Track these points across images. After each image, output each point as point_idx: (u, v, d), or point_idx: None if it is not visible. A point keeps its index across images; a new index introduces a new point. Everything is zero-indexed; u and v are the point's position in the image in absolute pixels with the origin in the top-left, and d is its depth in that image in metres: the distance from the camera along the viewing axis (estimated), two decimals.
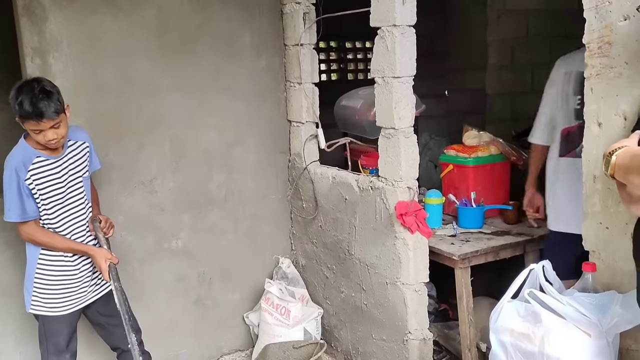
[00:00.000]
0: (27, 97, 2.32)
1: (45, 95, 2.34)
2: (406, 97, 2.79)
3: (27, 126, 2.38)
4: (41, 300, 2.57)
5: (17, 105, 2.33)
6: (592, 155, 2.00)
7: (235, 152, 3.50)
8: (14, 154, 2.46)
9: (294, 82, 3.52)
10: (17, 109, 2.34)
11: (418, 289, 2.90)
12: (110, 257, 2.55)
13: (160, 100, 3.22)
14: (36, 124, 2.35)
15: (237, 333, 3.62)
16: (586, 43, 1.99)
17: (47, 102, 2.34)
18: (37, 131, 2.38)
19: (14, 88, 2.38)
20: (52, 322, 2.59)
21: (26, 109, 2.31)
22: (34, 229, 2.49)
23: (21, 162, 2.43)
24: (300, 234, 3.68)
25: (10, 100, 2.36)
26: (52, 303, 2.57)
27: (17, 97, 2.33)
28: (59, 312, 2.57)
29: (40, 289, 2.56)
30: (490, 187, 3.35)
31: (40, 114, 2.32)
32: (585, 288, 1.95)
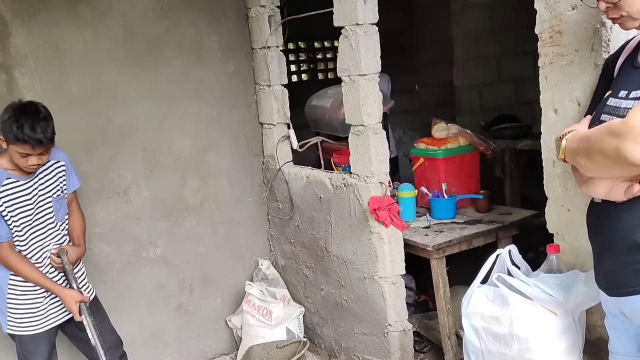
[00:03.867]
0: (28, 122, 2.29)
1: (45, 123, 2.34)
2: (373, 94, 2.84)
3: (15, 148, 2.33)
4: (15, 320, 2.53)
5: (16, 127, 2.28)
6: (550, 140, 2.07)
7: (208, 157, 3.51)
8: None
9: (263, 85, 3.55)
10: (13, 130, 2.28)
11: (395, 282, 2.96)
12: (79, 298, 2.50)
13: (130, 109, 3.22)
14: (30, 149, 2.32)
15: (221, 337, 3.64)
16: (538, 33, 2.06)
17: (46, 130, 2.33)
18: (24, 154, 2.35)
19: (10, 108, 2.35)
20: (29, 342, 2.55)
21: (26, 134, 2.28)
22: (8, 252, 2.44)
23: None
24: (278, 235, 3.72)
25: (6, 120, 2.30)
26: (27, 322, 2.53)
27: (18, 119, 2.29)
28: (35, 331, 2.54)
29: (14, 309, 2.52)
30: (461, 178, 3.42)
31: (39, 141, 2.31)
32: (551, 269, 2.02)
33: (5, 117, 2.32)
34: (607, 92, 1.69)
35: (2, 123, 2.33)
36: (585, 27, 1.91)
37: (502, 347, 1.92)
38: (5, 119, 2.32)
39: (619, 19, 1.61)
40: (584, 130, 1.63)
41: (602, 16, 1.82)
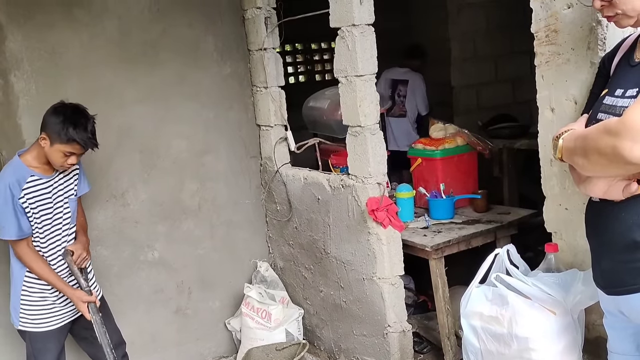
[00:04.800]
0: (81, 124, 2.41)
1: (93, 125, 2.48)
2: (370, 95, 2.83)
3: (62, 147, 2.41)
4: (27, 316, 2.56)
5: (72, 128, 2.37)
6: (547, 139, 2.07)
7: (206, 160, 3.51)
8: (7, 173, 2.46)
9: (260, 87, 3.55)
10: (68, 131, 2.37)
11: (394, 283, 2.95)
12: (87, 298, 2.54)
13: (126, 112, 3.22)
14: (79, 149, 2.43)
15: (220, 340, 3.63)
16: (534, 32, 2.06)
17: (95, 132, 2.47)
18: (68, 154, 2.43)
19: (61, 110, 2.43)
20: (39, 340, 2.57)
21: (80, 135, 2.39)
22: (26, 248, 2.49)
23: (15, 181, 2.43)
24: (276, 237, 3.71)
25: (58, 122, 2.38)
26: (39, 319, 2.56)
27: (72, 121, 2.39)
28: (46, 328, 2.56)
29: (27, 306, 2.55)
30: (459, 178, 3.42)
31: (92, 142, 2.44)
32: (549, 268, 2.01)
33: (59, 119, 2.40)
34: (603, 91, 1.69)
35: (52, 124, 2.41)
36: (581, 25, 1.91)
37: (502, 346, 1.92)
38: (58, 121, 2.40)
39: (614, 16, 1.61)
40: (581, 129, 1.63)
41: (597, 14, 1.82)
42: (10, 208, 2.41)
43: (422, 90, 5.03)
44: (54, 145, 2.41)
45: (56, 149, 2.42)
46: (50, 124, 2.42)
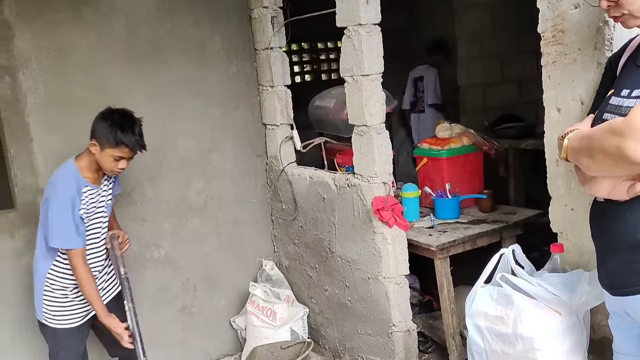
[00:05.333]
0: (131, 128, 2.48)
1: (141, 129, 2.54)
2: (376, 95, 2.83)
3: (112, 152, 2.47)
4: (51, 312, 2.60)
5: (121, 132, 2.44)
6: (553, 139, 2.06)
7: (212, 158, 3.52)
8: (69, 183, 2.49)
9: (266, 86, 3.56)
10: (117, 135, 2.43)
11: (399, 282, 2.96)
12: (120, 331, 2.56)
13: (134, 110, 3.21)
14: (129, 152, 2.50)
15: (225, 338, 3.64)
16: (541, 32, 2.06)
17: (143, 135, 2.54)
18: (118, 158, 2.49)
19: (109, 115, 2.49)
20: (62, 337, 2.61)
21: (130, 138, 2.46)
22: (83, 261, 2.53)
23: (76, 192, 2.48)
24: (281, 236, 3.72)
25: (107, 126, 2.45)
26: (62, 315, 2.60)
27: (121, 125, 2.45)
28: (69, 325, 2.60)
29: (50, 302, 2.59)
30: (465, 178, 3.42)
31: (141, 145, 2.51)
32: (555, 268, 2.01)
33: (107, 124, 2.46)
34: (609, 91, 1.69)
35: (100, 129, 2.47)
36: (588, 25, 1.91)
37: (507, 346, 1.92)
38: (107, 125, 2.46)
39: (620, 17, 1.61)
40: (586, 129, 1.63)
41: (604, 15, 1.81)
42: (71, 219, 2.46)
43: (432, 81, 5.23)
44: (104, 150, 2.47)
45: (106, 153, 2.48)
46: (99, 129, 2.49)
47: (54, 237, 2.48)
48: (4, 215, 2.96)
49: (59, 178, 2.53)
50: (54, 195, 2.47)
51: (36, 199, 2.99)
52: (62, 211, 2.45)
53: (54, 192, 2.48)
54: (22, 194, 2.97)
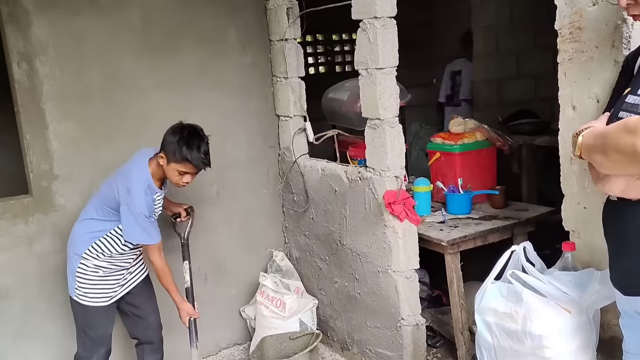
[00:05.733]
0: (196, 145, 2.55)
1: (207, 147, 2.62)
2: (390, 88, 2.83)
3: (177, 167, 2.56)
4: (82, 290, 2.67)
5: (186, 148, 2.52)
6: (567, 137, 2.05)
7: (225, 149, 3.53)
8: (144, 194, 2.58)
9: (280, 77, 3.56)
10: (182, 151, 2.51)
11: (409, 276, 2.96)
12: (193, 312, 2.85)
13: (148, 100, 3.25)
14: (193, 168, 2.58)
15: (234, 327, 3.67)
16: (558, 29, 2.04)
17: (208, 153, 2.62)
18: (183, 173, 2.59)
19: (178, 130, 2.57)
20: (91, 314, 2.69)
21: (195, 156, 2.54)
22: (160, 253, 2.69)
23: (152, 200, 2.62)
24: (292, 227, 3.73)
25: (175, 142, 2.52)
26: (92, 294, 2.68)
27: (188, 141, 2.53)
28: (98, 303, 2.68)
29: (81, 284, 2.67)
30: (477, 173, 3.40)
31: (205, 163, 2.59)
32: (566, 267, 2.00)
33: (174, 139, 2.55)
34: (626, 90, 1.67)
35: (169, 144, 2.56)
36: (605, 23, 1.89)
37: (515, 343, 1.92)
38: (174, 140, 2.55)
39: (639, 15, 1.59)
40: (601, 127, 1.62)
41: (623, 12, 1.79)
42: (148, 218, 2.59)
43: (467, 75, 5.27)
44: (170, 164, 2.57)
45: (172, 167, 2.57)
46: (167, 143, 2.57)
47: (134, 236, 2.59)
48: (19, 201, 3.00)
49: (136, 183, 2.58)
50: (132, 200, 2.55)
51: (51, 186, 3.03)
52: (144, 215, 2.57)
53: (132, 198, 2.55)
54: (36, 180, 3.00)
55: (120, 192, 2.58)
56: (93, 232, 2.67)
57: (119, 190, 2.59)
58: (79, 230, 2.72)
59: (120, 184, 2.60)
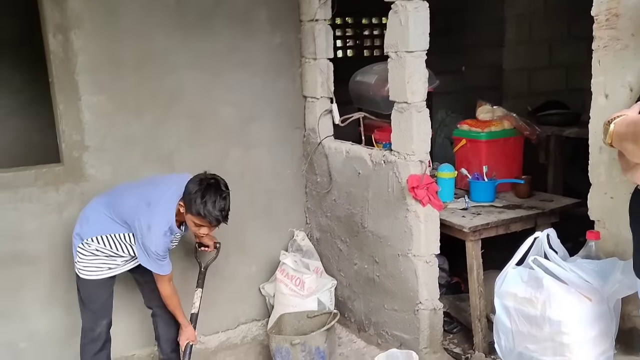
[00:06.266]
0: (211, 199, 2.51)
1: (224, 202, 2.57)
2: (419, 72, 2.82)
3: (195, 219, 2.56)
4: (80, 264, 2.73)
5: (200, 202, 2.50)
6: (598, 126, 2.03)
7: (251, 128, 3.56)
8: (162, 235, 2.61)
9: (309, 58, 3.56)
10: (197, 204, 2.50)
11: (429, 261, 2.97)
12: (192, 338, 2.90)
13: (177, 76, 3.29)
14: (208, 223, 2.57)
15: (254, 303, 3.73)
16: (594, 15, 2.01)
17: (224, 209, 2.57)
18: (198, 225, 2.60)
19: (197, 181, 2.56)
20: (87, 287, 2.75)
21: (208, 210, 2.51)
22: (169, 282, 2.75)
23: (171, 235, 2.66)
24: (314, 208, 3.76)
25: (193, 193, 2.52)
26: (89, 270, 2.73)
27: (203, 195, 2.51)
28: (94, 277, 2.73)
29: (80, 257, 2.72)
30: (503, 162, 3.37)
31: (217, 220, 2.56)
32: (589, 255, 2.00)
33: (192, 190, 2.54)
34: None
35: (187, 194, 2.57)
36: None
37: (534, 328, 1.92)
38: (192, 191, 2.54)
39: None
40: (634, 115, 1.60)
41: None
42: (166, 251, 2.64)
43: None
44: (187, 214, 2.58)
45: (189, 218, 2.59)
46: (186, 193, 2.58)
47: (145, 264, 2.63)
48: (51, 169, 3.08)
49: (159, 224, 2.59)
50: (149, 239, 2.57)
51: (82, 156, 3.10)
52: (163, 247, 2.61)
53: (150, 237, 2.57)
54: (68, 149, 3.08)
55: (141, 223, 2.58)
56: (104, 226, 2.68)
57: (140, 221, 2.59)
58: (90, 216, 2.74)
59: (143, 215, 2.59)
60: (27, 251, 3.05)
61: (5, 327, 3.04)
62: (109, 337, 2.84)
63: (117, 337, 3.13)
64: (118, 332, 3.17)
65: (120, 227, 2.68)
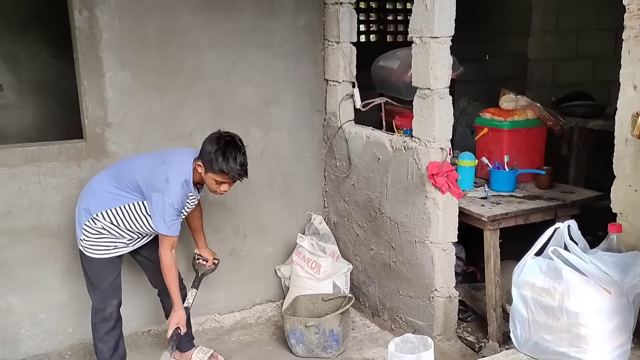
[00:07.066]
0: (232, 156, 2.55)
1: (244, 158, 2.61)
2: (443, 58, 2.79)
3: (213, 176, 2.58)
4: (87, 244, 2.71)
5: (222, 159, 2.53)
6: (625, 117, 1.99)
7: (271, 110, 3.57)
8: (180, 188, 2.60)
9: (332, 41, 3.54)
10: (218, 162, 2.53)
11: (446, 248, 2.96)
12: (182, 323, 2.80)
13: (200, 55, 3.30)
14: (229, 179, 2.59)
15: (269, 284, 3.76)
16: (626, 4, 1.96)
17: (244, 164, 2.61)
18: (220, 182, 2.61)
19: (216, 140, 2.57)
20: (95, 266, 2.74)
21: (230, 166, 2.54)
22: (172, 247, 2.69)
23: (185, 195, 2.64)
24: (333, 192, 3.76)
25: (212, 152, 2.54)
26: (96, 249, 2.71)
27: (224, 152, 2.54)
28: (102, 256, 2.72)
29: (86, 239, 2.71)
30: (525, 152, 3.34)
31: (240, 175, 2.60)
32: (610, 248, 1.97)
33: (212, 149, 2.56)
34: None
35: (206, 153, 2.58)
36: None
37: (551, 319, 1.91)
38: (211, 151, 2.56)
39: None
40: None
41: None
42: (178, 213, 2.62)
43: None
44: (207, 173, 2.60)
45: (209, 176, 2.60)
46: (204, 152, 2.60)
47: (158, 224, 2.61)
48: (74, 145, 3.12)
49: (176, 177, 2.59)
50: (168, 190, 2.57)
51: (104, 133, 3.14)
52: (174, 209, 2.59)
53: (169, 189, 2.57)
54: (91, 126, 3.11)
55: (159, 178, 2.58)
56: (111, 199, 2.66)
57: (158, 176, 2.59)
58: (95, 189, 2.72)
59: (159, 171, 2.60)
60: (50, 224, 3.11)
61: (26, 297, 3.10)
62: (120, 316, 2.84)
63: (133, 312, 3.20)
64: (135, 308, 3.24)
65: (129, 196, 2.64)
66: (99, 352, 2.81)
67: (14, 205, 3.02)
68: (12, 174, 2.99)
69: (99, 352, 2.81)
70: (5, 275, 3.04)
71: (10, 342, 3.10)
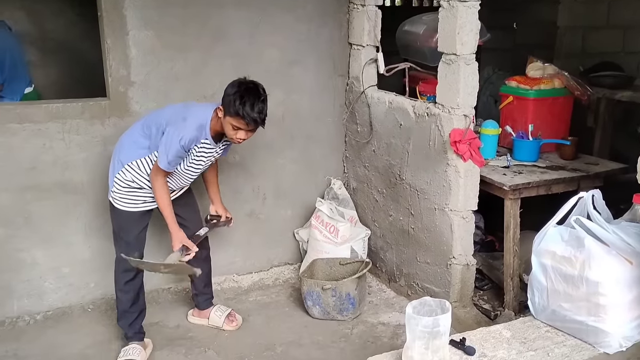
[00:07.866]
0: (250, 101, 2.53)
1: (263, 105, 2.59)
2: (470, 23, 2.73)
3: (231, 120, 2.57)
4: (118, 196, 2.76)
5: (239, 103, 2.51)
6: None
7: (294, 72, 3.54)
8: (195, 129, 2.60)
9: (357, 4, 3.49)
10: (235, 105, 2.52)
11: (465, 216, 2.96)
12: (187, 242, 2.76)
13: (224, 15, 3.27)
14: (245, 125, 2.57)
15: (287, 247, 3.80)
16: None
17: (262, 111, 2.58)
18: (236, 128, 2.59)
19: (237, 84, 2.57)
20: (123, 219, 2.79)
21: (247, 111, 2.51)
22: (162, 180, 2.69)
23: (195, 138, 2.63)
24: (353, 157, 3.76)
25: (231, 95, 2.53)
26: (125, 201, 2.76)
27: (242, 96, 2.53)
28: (130, 209, 2.77)
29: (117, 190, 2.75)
30: (550, 121, 3.29)
31: (255, 120, 2.55)
32: (634, 219, 1.96)
33: (231, 92, 2.55)
34: None
35: (226, 96, 2.58)
36: None
37: (570, 288, 1.91)
38: (230, 93, 2.55)
39: None
40: None
41: None
42: (180, 152, 2.60)
43: None
44: (226, 117, 2.58)
45: (227, 121, 2.58)
46: (225, 95, 2.59)
47: (160, 156, 2.61)
48: (97, 103, 3.14)
49: (194, 118, 2.62)
50: (182, 126, 2.58)
51: (127, 91, 3.15)
52: (177, 146, 2.57)
53: (184, 126, 2.58)
54: (114, 84, 3.12)
55: (177, 117, 2.61)
56: (139, 149, 2.70)
57: (178, 116, 2.62)
58: (124, 141, 2.77)
59: (180, 113, 2.64)
60: (73, 181, 3.15)
61: (50, 251, 3.18)
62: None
63: None
64: None
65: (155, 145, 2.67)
66: (120, 302, 2.89)
67: (38, 160, 3.06)
68: (37, 129, 3.03)
69: (120, 302, 2.89)
70: (30, 229, 3.11)
71: (35, 295, 3.20)
